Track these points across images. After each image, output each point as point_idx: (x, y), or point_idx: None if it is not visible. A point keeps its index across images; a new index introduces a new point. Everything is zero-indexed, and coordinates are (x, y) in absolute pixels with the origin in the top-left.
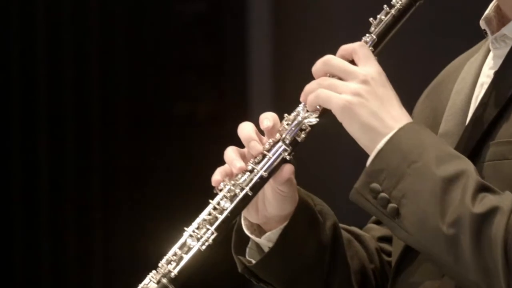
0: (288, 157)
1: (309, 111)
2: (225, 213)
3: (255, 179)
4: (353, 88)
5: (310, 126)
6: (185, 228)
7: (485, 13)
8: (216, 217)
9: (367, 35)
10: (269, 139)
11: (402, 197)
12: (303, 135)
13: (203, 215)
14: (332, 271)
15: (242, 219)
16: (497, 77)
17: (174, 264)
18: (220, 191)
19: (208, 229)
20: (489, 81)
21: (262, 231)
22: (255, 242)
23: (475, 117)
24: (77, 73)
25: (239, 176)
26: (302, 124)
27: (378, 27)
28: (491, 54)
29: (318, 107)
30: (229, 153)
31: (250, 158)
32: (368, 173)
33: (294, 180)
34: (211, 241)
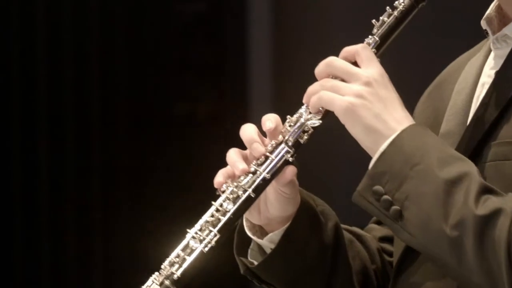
0: (290, 159)
1: (311, 113)
2: (228, 215)
3: (257, 181)
4: (356, 90)
5: (313, 128)
6: (188, 230)
7: (486, 13)
8: (219, 219)
9: (369, 36)
10: (272, 140)
11: (405, 199)
12: (305, 137)
13: (206, 216)
14: (334, 271)
15: (244, 220)
16: (498, 77)
17: (177, 266)
18: (222, 192)
19: (211, 231)
20: (490, 81)
21: (264, 233)
22: (257, 244)
23: (476, 117)
24: (77, 73)
25: (242, 178)
26: (304, 126)
27: (380, 29)
28: (492, 54)
29: (321, 109)
30: (232, 154)
31: (252, 160)
32: (370, 175)
33: (297, 181)
34: (213, 243)
